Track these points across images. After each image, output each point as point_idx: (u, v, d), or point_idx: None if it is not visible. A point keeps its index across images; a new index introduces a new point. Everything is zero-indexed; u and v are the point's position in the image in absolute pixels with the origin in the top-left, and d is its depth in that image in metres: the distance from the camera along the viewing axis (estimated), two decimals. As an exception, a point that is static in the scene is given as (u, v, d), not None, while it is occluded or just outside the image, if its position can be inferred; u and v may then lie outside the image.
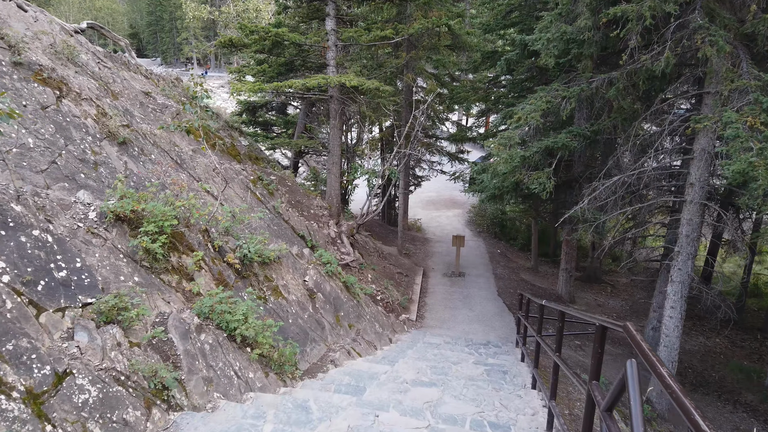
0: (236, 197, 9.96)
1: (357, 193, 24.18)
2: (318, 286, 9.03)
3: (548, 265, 22.79)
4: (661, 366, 2.21)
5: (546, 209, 20.49)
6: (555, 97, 10.03)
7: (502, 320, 14.39)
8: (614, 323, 3.24)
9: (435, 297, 16.14)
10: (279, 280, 7.97)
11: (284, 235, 10.84)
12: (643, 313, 18.40)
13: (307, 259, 9.61)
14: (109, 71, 10.77)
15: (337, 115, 13.50)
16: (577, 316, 4.95)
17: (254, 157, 13.70)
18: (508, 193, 12.91)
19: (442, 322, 13.70)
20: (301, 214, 12.55)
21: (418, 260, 20.15)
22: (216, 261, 6.71)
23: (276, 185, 12.64)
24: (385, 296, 12.87)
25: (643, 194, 12.91)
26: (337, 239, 13.17)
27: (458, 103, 20.22)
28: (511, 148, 10.24)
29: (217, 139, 12.26)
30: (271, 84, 11.21)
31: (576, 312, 5.06)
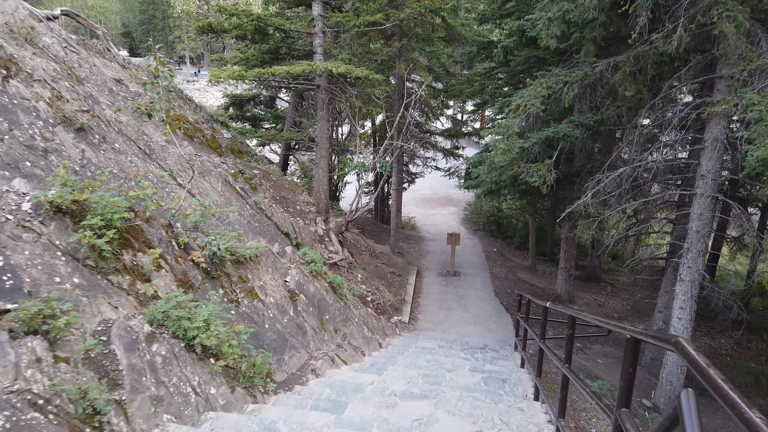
0: (213, 191, 9.21)
1: (348, 190, 23.44)
2: (300, 287, 8.29)
3: (546, 263, 22.12)
4: (749, 408, 1.49)
5: (544, 206, 19.81)
6: (556, 82, 9.32)
7: (499, 322, 13.69)
8: (658, 337, 2.50)
9: (429, 297, 15.42)
10: (255, 281, 7.22)
11: (267, 232, 10.10)
12: (645, 313, 17.76)
13: (289, 257, 8.87)
14: (77, 56, 10.00)
15: (324, 106, 12.76)
16: (593, 322, 4.23)
17: (237, 150, 12.95)
18: (506, 187, 12.21)
19: (437, 324, 12.98)
20: (287, 211, 11.81)
21: (411, 259, 19.43)
22: (181, 260, 5.96)
23: (260, 180, 11.90)
24: (375, 297, 12.14)
25: (646, 189, 12.25)
26: (325, 237, 12.43)
27: (453, 97, 19.52)
28: (509, 138, 9.53)
29: (197, 131, 11.51)
30: (253, 71, 10.46)
31: (591, 317, 4.34)
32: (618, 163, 10.72)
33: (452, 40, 21.04)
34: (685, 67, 9.43)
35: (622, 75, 9.01)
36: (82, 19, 14.61)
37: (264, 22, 11.06)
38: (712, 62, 9.26)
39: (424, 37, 19.17)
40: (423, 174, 24.78)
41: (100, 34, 15.04)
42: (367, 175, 12.44)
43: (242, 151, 13.22)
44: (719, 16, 7.25)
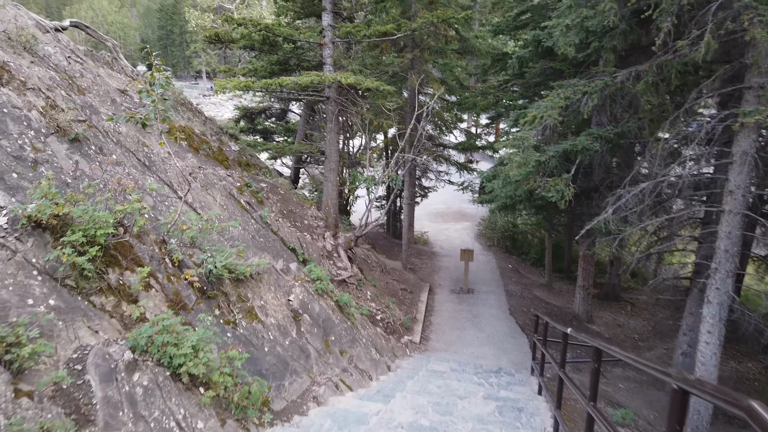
0: (216, 205, 8.88)
1: (359, 204, 23.07)
2: (305, 306, 7.87)
3: (563, 281, 21.46)
4: None
5: (560, 222, 19.25)
6: (575, 92, 8.88)
7: (514, 342, 13.13)
8: (719, 395, 2.01)
9: (441, 316, 14.91)
10: (256, 300, 6.83)
11: (272, 247, 9.74)
12: (668, 334, 17.03)
13: (293, 275, 8.47)
14: (80, 66, 9.81)
15: (334, 118, 12.44)
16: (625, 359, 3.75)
17: (245, 163, 12.66)
18: (521, 202, 11.73)
19: (449, 345, 12.46)
20: (294, 225, 11.45)
21: (424, 275, 18.94)
22: (174, 278, 5.59)
23: (267, 193, 11.57)
24: (385, 316, 11.68)
25: (669, 205, 11.71)
26: (334, 253, 12.04)
27: (466, 110, 19.15)
28: (525, 151, 9.09)
29: (203, 143, 11.24)
30: (260, 82, 10.18)
31: (623, 353, 3.86)
32: (639, 177, 10.22)
33: (466, 53, 20.74)
34: (711, 77, 8.95)
35: (645, 85, 8.55)
36: (92, 31, 14.53)
37: (272, 32, 10.80)
38: (739, 72, 8.76)
39: (437, 50, 18.89)
40: (436, 188, 24.35)
41: (110, 46, 14.98)
42: (377, 189, 12.06)
43: (250, 164, 12.93)
44: (750, 22, 6.80)
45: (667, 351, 15.60)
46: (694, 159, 10.00)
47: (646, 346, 16.03)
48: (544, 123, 8.86)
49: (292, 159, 20.45)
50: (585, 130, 10.86)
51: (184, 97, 15.93)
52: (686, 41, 7.18)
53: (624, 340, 16.10)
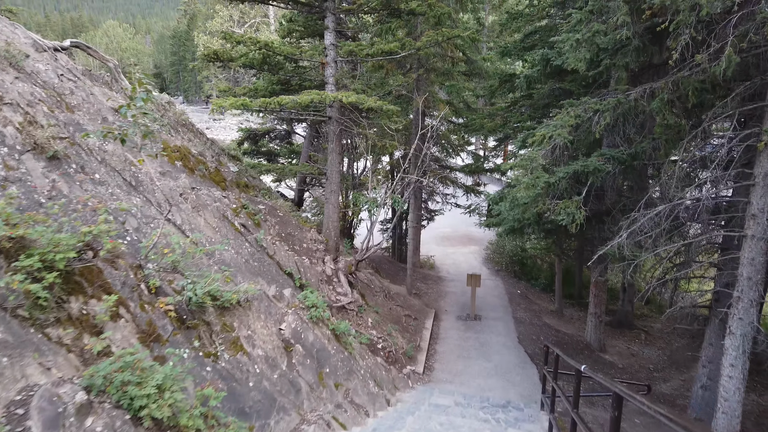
0: (207, 227, 8.45)
1: (363, 227, 22.62)
2: (297, 335, 7.36)
3: (573, 307, 20.76)
4: None
5: (570, 246, 18.65)
6: (586, 111, 8.45)
7: (523, 373, 12.46)
8: None
9: (447, 344, 14.28)
10: (242, 330, 6.33)
11: (267, 272, 9.27)
12: (684, 364, 16.27)
13: (287, 301, 7.98)
14: (73, 84, 9.52)
15: (335, 139, 12.07)
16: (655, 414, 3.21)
17: (243, 184, 12.29)
18: (530, 225, 11.22)
19: (454, 376, 11.82)
20: (292, 249, 11.00)
21: (429, 301, 18.35)
22: (149, 307, 5.12)
23: (264, 215, 11.16)
24: (387, 345, 11.11)
25: (685, 230, 11.16)
26: (334, 277, 11.54)
27: (473, 132, 18.79)
28: (533, 171, 8.62)
29: (199, 163, 10.89)
30: (258, 100, 9.84)
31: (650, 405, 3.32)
32: (654, 200, 9.70)
33: (473, 75, 20.52)
34: (728, 95, 8.49)
35: (660, 103, 8.10)
36: (93, 51, 14.36)
37: (272, 50, 10.52)
38: (760, 89, 8.30)
39: (443, 71, 18.67)
40: (442, 211, 23.89)
41: (111, 66, 14.81)
42: (379, 211, 11.62)
43: (249, 185, 12.55)
44: (775, 34, 6.36)
45: (684, 382, 14.84)
46: (711, 181, 9.49)
47: (661, 376, 15.27)
48: (554, 143, 8.41)
49: (296, 181, 20.10)
50: (597, 151, 10.39)
51: (185, 118, 15.70)
52: (705, 55, 6.74)
53: (638, 370, 15.36)
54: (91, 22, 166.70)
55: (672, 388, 14.40)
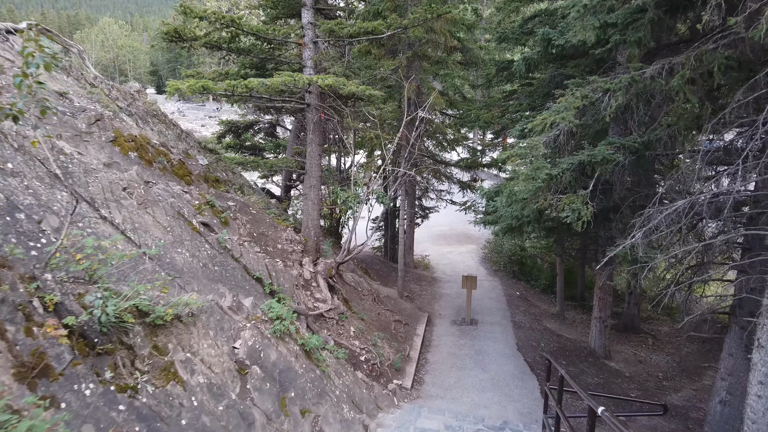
0: (156, 227, 7.30)
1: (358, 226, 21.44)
2: (255, 355, 6.22)
3: (576, 310, 19.63)
4: None
5: (573, 245, 17.51)
6: (594, 91, 7.30)
7: (523, 386, 11.33)
8: None
9: (439, 352, 13.15)
10: (179, 353, 5.19)
11: (230, 278, 8.13)
12: (695, 371, 15.17)
13: (247, 313, 6.84)
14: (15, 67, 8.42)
15: (315, 128, 10.92)
16: None
17: (213, 179, 11.14)
18: (530, 223, 10.07)
19: (446, 390, 10.68)
20: (264, 250, 9.85)
21: (422, 304, 17.21)
22: (39, 330, 3.98)
23: (234, 213, 10.01)
24: (371, 356, 9.98)
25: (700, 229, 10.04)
26: (312, 282, 10.40)
27: (469, 124, 17.64)
28: (533, 161, 7.48)
29: (160, 154, 9.74)
30: (223, 83, 8.69)
31: None
32: (670, 195, 8.56)
33: (470, 65, 19.35)
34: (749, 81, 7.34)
35: (681, 81, 6.95)
36: (54, 35, 13.18)
37: (240, 28, 9.36)
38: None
39: (437, 60, 17.51)
40: (437, 209, 22.74)
41: (76, 52, 13.71)
42: (361, 208, 10.46)
43: (220, 180, 11.40)
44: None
45: (697, 392, 13.73)
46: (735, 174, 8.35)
47: (671, 386, 14.14)
48: (558, 128, 7.26)
49: (282, 177, 18.96)
50: (605, 139, 9.24)
51: (156, 108, 14.57)
52: (741, 18, 5.59)
53: (647, 379, 14.24)
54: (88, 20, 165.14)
55: (684, 399, 13.28)
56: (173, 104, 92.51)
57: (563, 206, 8.10)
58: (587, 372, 13.74)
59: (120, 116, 10.43)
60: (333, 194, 10.53)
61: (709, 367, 15.83)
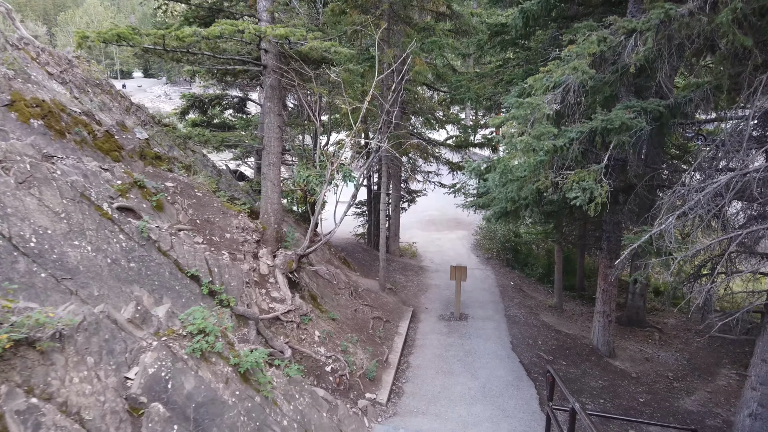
0: (42, 213, 5.57)
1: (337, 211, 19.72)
2: (159, 386, 4.56)
3: (574, 301, 18.11)
4: None
5: (572, 231, 15.92)
6: (615, 33, 5.62)
7: (519, 396, 9.78)
8: None
9: (424, 354, 11.57)
10: (16, 399, 3.51)
11: (153, 276, 6.43)
12: (707, 370, 13.69)
13: (156, 327, 5.16)
14: None
15: (273, 94, 9.17)
16: None
17: (153, 155, 9.39)
18: (527, 207, 8.43)
19: (429, 403, 9.09)
20: (208, 241, 8.16)
21: (407, 297, 15.62)
22: None
23: (173, 196, 8.28)
24: (339, 366, 8.37)
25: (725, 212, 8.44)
26: (270, 277, 8.73)
27: (459, 97, 15.90)
28: (535, 125, 5.81)
29: (78, 124, 7.96)
30: (149, 35, 6.91)
31: None
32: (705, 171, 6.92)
33: (460, 33, 17.54)
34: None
35: (728, 17, 5.25)
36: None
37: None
38: None
39: (424, 26, 15.72)
40: (425, 192, 21.03)
41: (3, 11, 11.98)
42: (325, 187, 8.76)
43: (162, 157, 9.65)
44: None
45: (712, 395, 12.26)
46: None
47: (683, 387, 12.65)
48: (567, 82, 5.57)
49: (255, 157, 17.17)
50: (618, 105, 7.55)
51: (99, 77, 12.73)
52: None
53: (656, 380, 12.74)
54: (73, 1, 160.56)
55: (698, 404, 11.79)
56: (160, 87, 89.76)
57: (570, 185, 6.44)
58: (590, 373, 12.24)
59: (37, 81, 8.63)
60: (296, 175, 8.83)
61: (720, 362, 14.41)
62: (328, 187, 8.77)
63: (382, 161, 12.20)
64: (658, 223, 6.19)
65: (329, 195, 10.95)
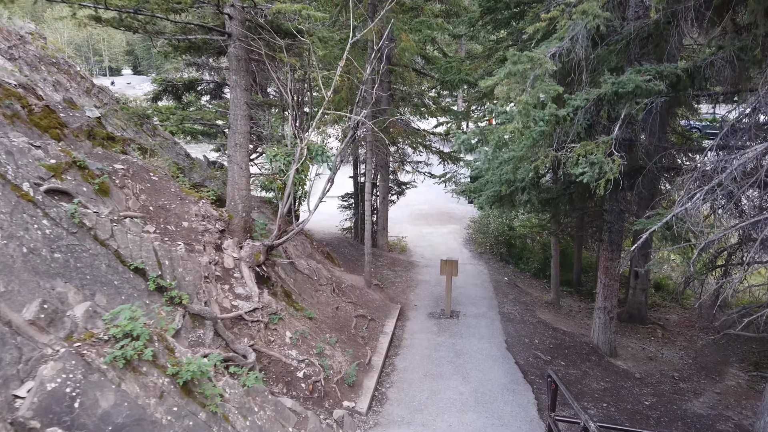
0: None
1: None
2: (61, 405, 3.57)
3: (572, 297, 17.21)
4: None
5: (571, 222, 15.02)
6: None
7: (515, 401, 8.85)
8: None
9: (411, 355, 10.61)
10: None
11: (84, 269, 5.42)
12: (714, 369, 12.82)
13: (69, 330, 4.16)
14: None
15: (239, 67, 8.17)
16: None
17: (104, 136, 8.37)
18: (524, 190, 7.46)
19: (415, 411, 8.13)
20: (162, 229, 7.15)
21: (395, 294, 14.65)
22: None
23: (122, 179, 7.27)
24: (312, 371, 7.39)
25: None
26: (235, 272, 7.74)
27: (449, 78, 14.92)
28: (536, 84, 4.84)
29: (10, 96, 6.93)
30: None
31: None
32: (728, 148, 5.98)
33: (451, 15, 16.62)
34: None
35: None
36: None
37: None
38: None
39: (412, 5, 14.79)
40: (414, 183, 20.05)
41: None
42: (292, 167, 7.73)
43: (117, 138, 8.62)
44: None
45: (722, 397, 11.37)
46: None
47: (690, 388, 11.77)
48: (574, 31, 4.61)
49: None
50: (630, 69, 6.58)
51: (54, 55, 11.67)
52: None
53: (660, 380, 11.84)
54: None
55: (708, 406, 10.91)
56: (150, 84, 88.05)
57: (576, 159, 5.49)
58: (591, 375, 11.34)
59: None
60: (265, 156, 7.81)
61: (726, 360, 13.56)
62: (299, 166, 7.75)
63: (366, 144, 11.17)
64: (679, 203, 5.25)
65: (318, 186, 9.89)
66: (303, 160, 7.56)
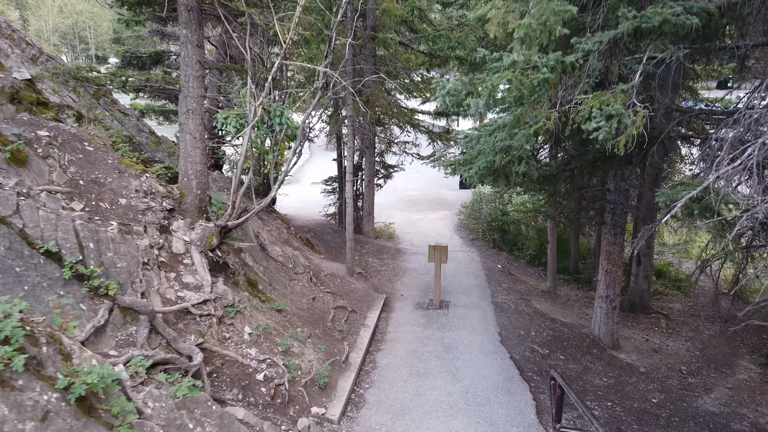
0: None
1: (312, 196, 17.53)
2: None
3: (569, 285, 16.23)
4: None
5: (569, 204, 13.98)
6: None
7: (510, 402, 7.82)
8: None
9: (395, 351, 9.56)
10: None
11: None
12: (724, 362, 11.89)
13: None
14: None
15: (191, 18, 6.98)
16: None
17: (34, 100, 7.17)
18: (521, 161, 6.37)
19: (397, 417, 7.07)
20: (94, 206, 6.01)
21: (380, 283, 13.58)
22: None
23: (46, 147, 6.10)
24: (275, 372, 6.31)
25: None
26: (185, 257, 6.61)
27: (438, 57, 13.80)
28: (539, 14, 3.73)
29: None
30: None
31: None
32: None
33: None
34: None
35: None
36: None
37: None
38: None
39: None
40: (403, 166, 18.91)
41: None
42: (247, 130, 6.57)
43: (50, 104, 7.43)
44: None
45: (734, 392, 10.43)
46: None
47: (700, 383, 10.82)
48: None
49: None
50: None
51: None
52: None
53: (667, 375, 10.89)
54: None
55: (720, 403, 9.96)
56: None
57: (588, 113, 4.39)
58: (592, 369, 10.37)
59: None
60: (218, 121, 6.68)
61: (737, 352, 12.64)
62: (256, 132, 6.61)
63: (347, 113, 10.01)
64: (716, 168, 4.17)
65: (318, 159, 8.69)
66: (256, 122, 6.40)
